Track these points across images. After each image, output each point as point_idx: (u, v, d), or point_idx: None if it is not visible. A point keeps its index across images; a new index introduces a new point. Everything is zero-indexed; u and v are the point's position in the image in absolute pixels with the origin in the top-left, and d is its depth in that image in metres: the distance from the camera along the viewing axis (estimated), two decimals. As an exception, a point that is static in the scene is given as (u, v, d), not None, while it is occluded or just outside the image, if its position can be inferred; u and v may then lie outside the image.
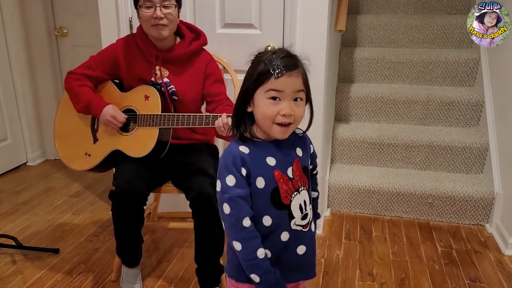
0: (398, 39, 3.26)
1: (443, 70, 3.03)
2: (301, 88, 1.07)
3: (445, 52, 3.05)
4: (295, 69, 1.06)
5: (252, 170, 1.07)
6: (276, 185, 1.09)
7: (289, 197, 1.10)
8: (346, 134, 2.82)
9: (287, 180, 1.10)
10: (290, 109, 1.05)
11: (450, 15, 3.28)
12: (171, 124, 1.78)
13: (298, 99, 1.07)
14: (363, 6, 3.52)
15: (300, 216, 1.12)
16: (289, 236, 1.12)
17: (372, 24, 3.28)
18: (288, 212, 1.10)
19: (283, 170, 1.10)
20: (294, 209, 1.11)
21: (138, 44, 1.86)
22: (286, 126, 1.07)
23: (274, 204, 1.09)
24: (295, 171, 1.12)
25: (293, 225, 1.11)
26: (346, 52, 3.13)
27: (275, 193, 1.09)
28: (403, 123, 2.96)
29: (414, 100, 2.89)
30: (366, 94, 2.94)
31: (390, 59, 3.07)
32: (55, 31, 3.30)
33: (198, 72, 1.89)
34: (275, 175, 1.09)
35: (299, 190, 1.12)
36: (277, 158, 1.10)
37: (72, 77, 1.87)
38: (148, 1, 1.74)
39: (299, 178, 1.12)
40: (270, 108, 1.06)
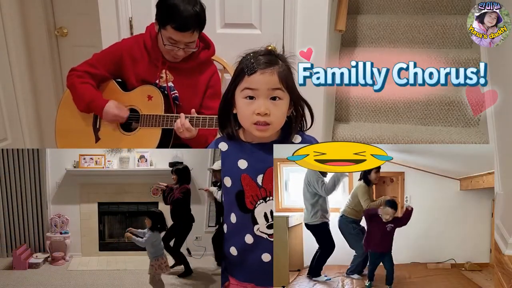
0: (398, 39, 3.25)
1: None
2: (277, 86, 1.04)
3: (445, 52, 3.05)
4: (269, 67, 1.04)
5: (222, 169, 1.10)
6: (242, 188, 1.08)
7: (254, 203, 1.09)
8: (346, 134, 2.82)
9: (255, 187, 1.09)
10: (265, 108, 1.03)
11: (450, 15, 3.28)
12: (174, 125, 1.78)
13: (276, 98, 1.05)
14: (363, 6, 3.52)
15: (264, 223, 1.10)
16: (253, 240, 1.11)
17: (372, 24, 3.27)
18: (251, 217, 1.10)
19: (252, 175, 1.09)
20: (258, 215, 1.10)
21: (146, 46, 1.85)
22: (263, 125, 1.05)
23: (238, 205, 1.10)
24: (265, 180, 1.09)
25: (256, 230, 1.11)
26: (346, 52, 3.13)
27: (239, 195, 1.09)
28: (403, 123, 2.96)
29: (414, 100, 2.89)
30: (366, 94, 2.94)
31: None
32: (55, 31, 3.30)
33: (202, 83, 1.90)
34: (242, 178, 1.08)
35: (265, 199, 1.10)
36: (249, 162, 1.09)
37: (74, 74, 1.86)
38: (173, 40, 1.74)
39: (269, 188, 1.10)
40: (246, 107, 1.05)
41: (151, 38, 1.83)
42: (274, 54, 1.08)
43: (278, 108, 1.06)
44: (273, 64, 1.05)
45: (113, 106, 1.81)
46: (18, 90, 3.29)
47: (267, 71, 1.04)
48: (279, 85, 1.05)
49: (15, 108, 3.31)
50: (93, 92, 1.84)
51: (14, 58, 3.22)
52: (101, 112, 1.81)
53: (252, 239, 1.11)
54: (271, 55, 1.07)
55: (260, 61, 1.04)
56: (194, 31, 1.72)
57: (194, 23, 1.71)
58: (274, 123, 1.07)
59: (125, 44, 1.90)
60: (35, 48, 3.31)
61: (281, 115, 1.08)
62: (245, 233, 1.11)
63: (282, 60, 1.09)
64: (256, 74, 1.03)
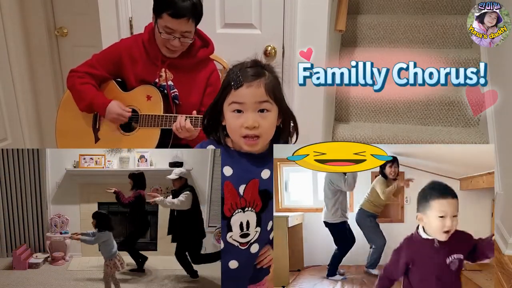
0: (398, 39, 3.25)
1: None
2: (264, 99, 1.04)
3: (445, 52, 3.05)
4: (255, 80, 1.03)
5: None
6: (223, 195, 1.08)
7: (232, 211, 1.09)
8: (346, 134, 2.82)
9: (236, 195, 1.08)
10: (253, 121, 1.02)
11: (450, 15, 3.28)
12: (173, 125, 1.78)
13: (264, 110, 1.04)
14: (363, 6, 3.52)
15: (238, 232, 1.10)
16: (223, 246, 1.11)
17: (372, 24, 3.27)
18: (227, 224, 1.10)
19: (235, 184, 1.08)
20: (234, 224, 1.10)
21: (145, 45, 1.85)
22: (252, 139, 1.04)
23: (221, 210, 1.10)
24: (247, 190, 1.09)
25: (229, 238, 1.10)
26: (346, 52, 3.13)
27: (221, 201, 1.09)
28: (403, 123, 2.96)
29: (414, 100, 2.89)
30: (366, 94, 2.94)
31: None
32: (55, 31, 3.30)
33: (202, 81, 1.90)
34: (224, 185, 1.08)
35: (244, 209, 1.09)
36: (234, 170, 1.09)
37: (75, 75, 1.87)
38: (169, 29, 1.74)
39: (250, 199, 1.09)
40: (235, 121, 1.04)
41: (150, 37, 1.84)
42: (260, 65, 1.07)
43: (266, 121, 1.05)
44: (260, 76, 1.04)
45: (116, 106, 1.81)
46: (18, 90, 3.29)
47: (254, 84, 1.03)
48: (266, 97, 1.04)
49: (15, 108, 3.31)
50: (95, 92, 1.84)
51: (14, 58, 3.22)
52: (104, 111, 1.81)
53: (223, 245, 1.11)
54: (257, 67, 1.06)
55: (247, 73, 1.03)
56: (189, 19, 1.72)
57: (189, 10, 1.72)
58: (264, 135, 1.06)
59: (124, 44, 1.91)
60: (35, 48, 3.31)
61: (270, 127, 1.07)
62: (220, 237, 1.12)
63: (269, 71, 1.08)
64: (243, 88, 1.02)
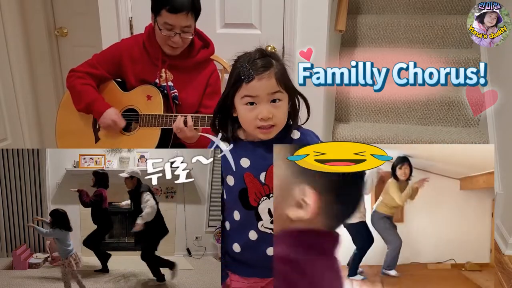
0: (398, 39, 3.25)
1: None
2: (276, 89, 1.05)
3: (445, 52, 3.05)
4: (265, 71, 1.04)
5: (224, 167, 1.10)
6: (245, 186, 1.10)
7: (258, 200, 1.10)
8: (346, 134, 2.82)
9: (258, 184, 1.10)
10: (267, 112, 1.04)
11: (450, 15, 3.28)
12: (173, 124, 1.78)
13: (276, 100, 1.06)
14: (363, 6, 3.52)
15: (268, 219, 1.11)
16: (257, 236, 1.12)
17: (372, 24, 3.27)
18: (255, 213, 1.11)
19: (255, 173, 1.10)
20: (262, 212, 1.11)
21: (145, 45, 1.85)
22: (268, 129, 1.07)
23: (242, 203, 1.11)
24: (268, 177, 1.10)
25: (260, 226, 1.12)
26: (346, 52, 3.13)
27: (242, 193, 1.10)
28: (403, 123, 2.96)
29: (414, 100, 2.89)
30: (366, 94, 2.94)
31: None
32: (55, 31, 3.30)
33: (202, 82, 1.90)
34: (245, 177, 1.09)
35: (269, 195, 1.11)
36: (252, 160, 1.10)
37: (75, 75, 1.86)
38: (169, 25, 1.73)
39: (272, 184, 1.10)
40: (248, 114, 1.06)
41: (150, 37, 1.84)
42: (267, 54, 1.08)
43: (279, 110, 1.07)
44: (269, 67, 1.05)
45: (113, 113, 1.81)
46: (18, 90, 3.29)
47: (265, 76, 1.04)
48: (278, 88, 1.06)
49: (15, 108, 3.31)
50: (94, 94, 1.84)
51: (14, 58, 3.22)
52: (100, 115, 1.81)
53: (256, 235, 1.12)
54: (265, 58, 1.07)
55: (256, 65, 1.04)
56: (188, 13, 1.72)
57: (187, 4, 1.72)
58: (278, 124, 1.09)
59: (124, 44, 1.91)
60: (35, 48, 3.31)
61: (283, 115, 1.09)
62: (249, 230, 1.12)
63: (276, 59, 1.09)
64: (254, 81, 1.04)
